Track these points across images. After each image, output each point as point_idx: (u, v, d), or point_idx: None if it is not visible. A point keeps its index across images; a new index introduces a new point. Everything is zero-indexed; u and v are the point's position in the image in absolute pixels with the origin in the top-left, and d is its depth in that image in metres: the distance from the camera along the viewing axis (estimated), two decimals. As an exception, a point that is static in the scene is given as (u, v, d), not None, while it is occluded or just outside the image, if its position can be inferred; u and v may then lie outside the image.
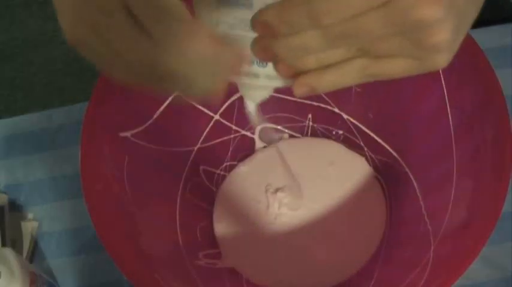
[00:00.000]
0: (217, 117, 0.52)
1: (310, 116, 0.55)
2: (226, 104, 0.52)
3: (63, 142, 0.58)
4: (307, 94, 0.30)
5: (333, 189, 0.52)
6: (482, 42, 0.42)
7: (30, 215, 0.55)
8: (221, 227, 0.52)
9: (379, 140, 0.52)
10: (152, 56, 0.27)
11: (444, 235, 0.41)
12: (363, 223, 0.51)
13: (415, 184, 0.48)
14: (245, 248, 0.51)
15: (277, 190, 0.52)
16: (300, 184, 0.51)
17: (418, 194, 0.47)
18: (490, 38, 0.56)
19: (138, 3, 0.27)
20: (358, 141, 0.54)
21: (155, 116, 0.47)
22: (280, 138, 0.56)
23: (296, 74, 0.29)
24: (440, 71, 0.44)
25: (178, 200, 0.50)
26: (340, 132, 0.55)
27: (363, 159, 0.53)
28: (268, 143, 0.56)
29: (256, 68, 0.31)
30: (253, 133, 0.55)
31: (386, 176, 0.53)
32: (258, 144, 0.56)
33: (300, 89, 0.29)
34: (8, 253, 0.44)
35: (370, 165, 0.53)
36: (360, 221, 0.51)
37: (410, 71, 0.29)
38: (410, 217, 0.48)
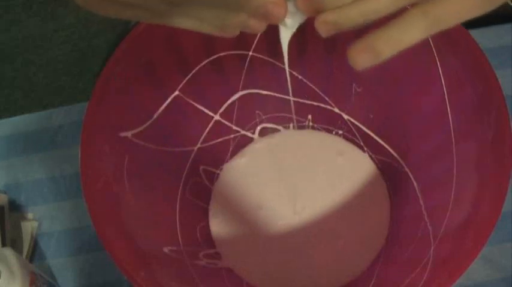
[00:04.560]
0: (217, 117, 0.52)
1: (310, 116, 0.55)
2: (226, 104, 0.52)
3: (63, 142, 0.58)
4: (332, 33, 0.27)
5: (338, 184, 0.52)
6: (482, 42, 0.42)
7: (30, 215, 0.55)
8: (217, 225, 0.52)
9: (379, 140, 0.52)
10: None
11: (444, 235, 0.41)
12: (367, 221, 0.51)
13: (415, 183, 0.48)
14: (243, 248, 0.51)
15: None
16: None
17: (418, 194, 0.47)
18: (490, 38, 0.56)
19: None
20: (358, 141, 0.54)
21: (155, 116, 0.47)
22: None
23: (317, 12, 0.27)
24: (440, 71, 0.44)
25: (178, 200, 0.50)
26: (340, 132, 0.55)
27: (366, 155, 0.53)
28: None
29: None
30: (253, 133, 0.55)
31: (387, 176, 0.53)
32: (258, 144, 0.56)
33: (324, 27, 0.27)
34: (8, 253, 0.44)
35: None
36: (364, 220, 0.51)
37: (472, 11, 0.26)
38: (410, 216, 0.48)
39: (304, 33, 0.49)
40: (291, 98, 0.53)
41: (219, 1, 0.28)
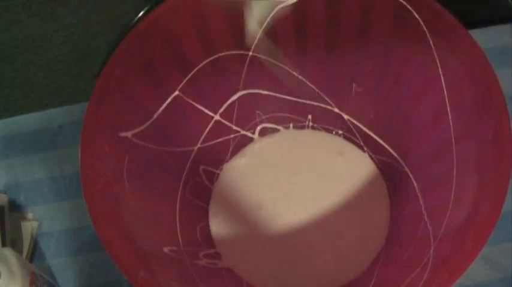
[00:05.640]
0: (217, 117, 0.52)
1: (310, 116, 0.55)
2: (226, 104, 0.52)
3: (63, 142, 0.58)
4: None
5: (338, 184, 0.52)
6: (482, 42, 0.42)
7: (30, 215, 0.55)
8: (217, 225, 0.52)
9: (379, 140, 0.52)
10: None
11: (444, 235, 0.41)
12: (367, 221, 0.51)
13: (415, 183, 0.48)
14: (243, 248, 0.51)
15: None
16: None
17: (418, 194, 0.47)
18: (490, 38, 0.56)
19: None
20: (358, 141, 0.54)
21: (155, 116, 0.47)
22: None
23: None
24: (440, 71, 0.44)
25: (178, 200, 0.50)
26: (340, 132, 0.55)
27: (366, 155, 0.53)
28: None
29: None
30: (253, 133, 0.55)
31: (387, 176, 0.53)
32: (258, 144, 0.56)
33: None
34: (8, 253, 0.44)
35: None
36: (364, 220, 0.51)
37: None
38: (410, 216, 0.48)
39: (304, 34, 0.49)
40: (291, 98, 0.53)
41: None
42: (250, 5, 0.33)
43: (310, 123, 0.55)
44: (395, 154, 0.51)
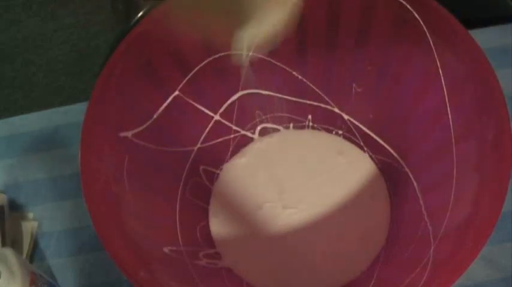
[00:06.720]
0: (217, 117, 0.52)
1: (310, 116, 0.55)
2: (226, 104, 0.52)
3: (63, 142, 0.58)
4: None
5: (338, 183, 0.52)
6: (482, 42, 0.42)
7: (30, 215, 0.55)
8: (217, 225, 0.52)
9: (379, 140, 0.52)
10: None
11: (444, 235, 0.41)
12: (367, 221, 0.51)
13: (415, 183, 0.48)
14: (243, 248, 0.51)
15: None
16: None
17: (418, 194, 0.47)
18: (490, 38, 0.56)
19: None
20: (358, 141, 0.54)
21: (155, 116, 0.47)
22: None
23: None
24: (440, 71, 0.44)
25: (178, 200, 0.50)
26: (340, 132, 0.55)
27: (366, 155, 0.53)
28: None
29: None
30: (253, 133, 0.55)
31: (387, 176, 0.53)
32: (258, 144, 0.56)
33: None
34: (8, 253, 0.44)
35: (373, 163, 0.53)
36: (364, 220, 0.51)
37: None
38: (410, 216, 0.48)
39: (305, 34, 0.49)
40: (291, 98, 0.53)
41: None
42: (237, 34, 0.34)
43: (310, 123, 0.55)
44: (395, 154, 0.51)
